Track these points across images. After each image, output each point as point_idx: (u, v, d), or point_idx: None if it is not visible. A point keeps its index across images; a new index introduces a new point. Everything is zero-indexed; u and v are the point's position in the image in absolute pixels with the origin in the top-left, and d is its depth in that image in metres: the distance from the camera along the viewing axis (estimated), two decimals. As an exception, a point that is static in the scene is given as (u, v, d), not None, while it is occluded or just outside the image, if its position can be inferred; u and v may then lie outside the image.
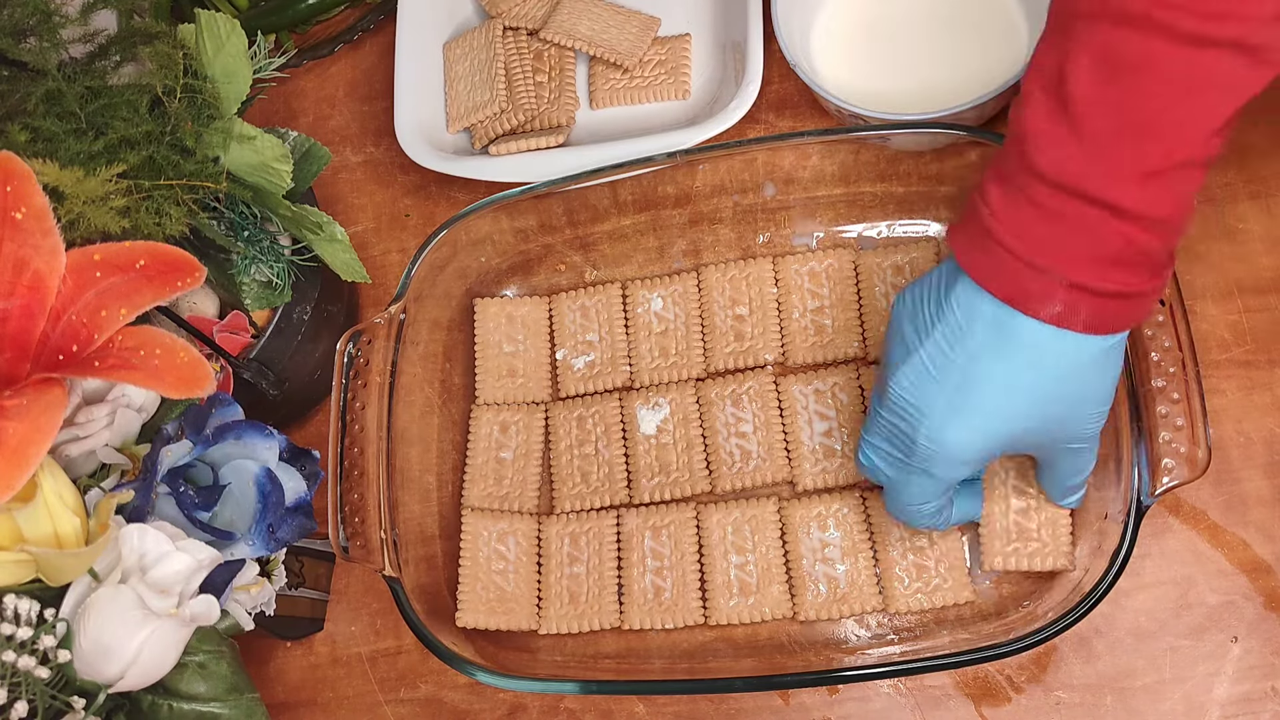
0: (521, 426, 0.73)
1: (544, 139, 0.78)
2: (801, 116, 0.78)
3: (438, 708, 0.70)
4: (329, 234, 0.68)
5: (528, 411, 0.73)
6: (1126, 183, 0.47)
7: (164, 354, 0.49)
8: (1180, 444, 0.57)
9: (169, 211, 0.61)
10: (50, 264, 0.50)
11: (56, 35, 0.61)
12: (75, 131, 0.60)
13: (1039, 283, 0.49)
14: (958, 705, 0.64)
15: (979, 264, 0.51)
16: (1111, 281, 0.49)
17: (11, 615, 0.45)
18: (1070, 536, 0.62)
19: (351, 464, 0.65)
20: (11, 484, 0.44)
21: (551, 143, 0.78)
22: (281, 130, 0.68)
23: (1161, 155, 0.47)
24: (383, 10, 0.87)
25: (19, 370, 0.49)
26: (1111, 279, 0.49)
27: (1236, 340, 0.67)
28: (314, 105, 0.89)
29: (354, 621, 0.73)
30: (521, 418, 0.73)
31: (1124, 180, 0.47)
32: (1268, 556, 0.63)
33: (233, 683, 0.51)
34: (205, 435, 0.54)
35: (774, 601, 0.66)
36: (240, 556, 0.53)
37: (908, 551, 0.65)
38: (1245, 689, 0.61)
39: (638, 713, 0.67)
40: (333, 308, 0.74)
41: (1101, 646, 0.63)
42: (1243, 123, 0.65)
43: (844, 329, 0.70)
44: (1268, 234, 0.68)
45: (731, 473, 0.69)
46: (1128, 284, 0.49)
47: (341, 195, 0.85)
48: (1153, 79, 0.46)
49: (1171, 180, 0.47)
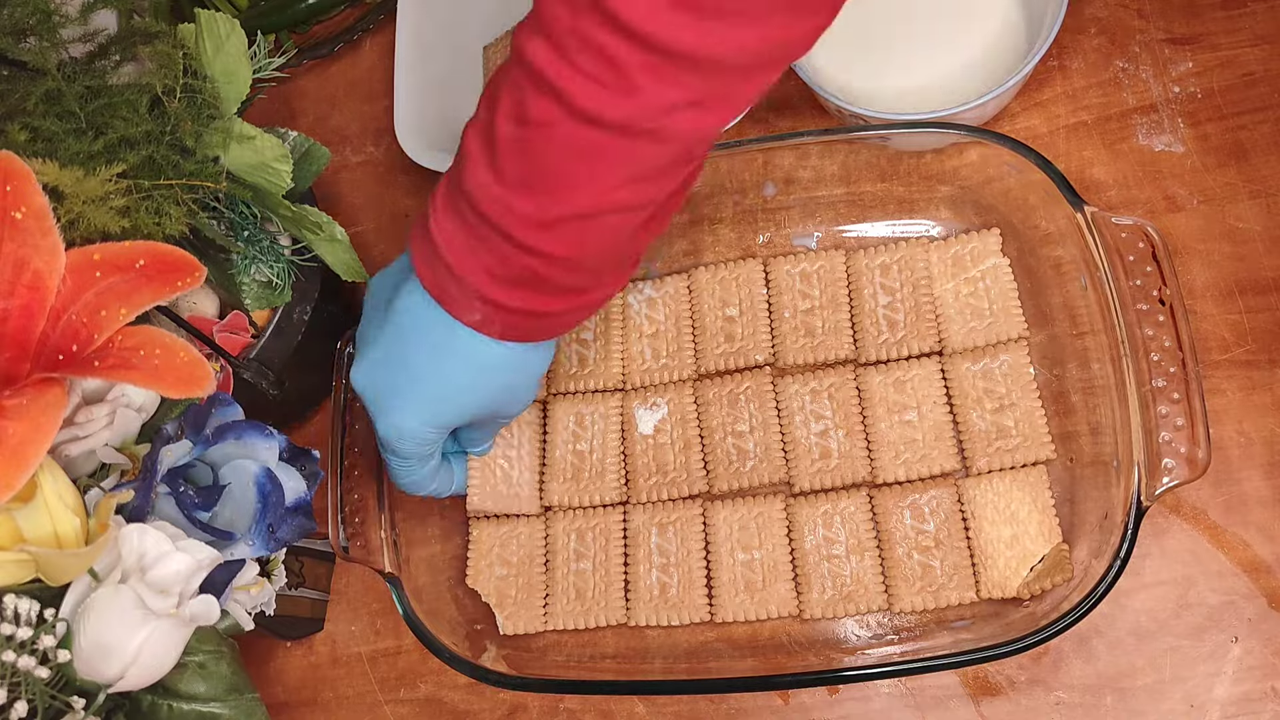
0: (522, 423, 0.73)
1: None
2: (801, 116, 0.78)
3: (438, 708, 0.70)
4: (329, 234, 0.68)
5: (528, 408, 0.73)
6: (525, 224, 0.49)
7: (164, 354, 0.49)
8: (1180, 444, 0.57)
9: (169, 211, 0.60)
10: (50, 264, 0.49)
11: (56, 35, 0.61)
12: (75, 131, 0.60)
13: (460, 290, 0.53)
14: (958, 705, 0.64)
15: (420, 255, 0.54)
16: (518, 300, 0.52)
17: (11, 615, 0.45)
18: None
19: (351, 464, 0.65)
20: (11, 484, 0.44)
21: None
22: (281, 130, 0.68)
23: (556, 208, 0.49)
24: (383, 10, 0.87)
25: (19, 370, 0.49)
26: (517, 299, 0.52)
27: (1237, 340, 0.67)
28: (314, 105, 0.89)
29: (354, 621, 0.73)
30: (522, 414, 0.73)
31: (523, 221, 0.49)
32: (1268, 556, 0.63)
33: (233, 683, 0.51)
34: (205, 435, 0.54)
35: (780, 599, 0.66)
36: (240, 556, 0.53)
37: (913, 550, 0.65)
38: (1245, 689, 0.61)
39: (638, 713, 0.67)
40: (333, 308, 0.74)
41: (1101, 646, 0.63)
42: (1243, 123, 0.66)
43: (835, 330, 0.70)
44: (1268, 234, 0.68)
45: (729, 473, 0.69)
46: (534, 304, 0.53)
47: (341, 195, 0.85)
48: (547, 140, 0.47)
49: (572, 228, 0.50)
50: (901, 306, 0.70)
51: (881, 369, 0.69)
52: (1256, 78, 0.72)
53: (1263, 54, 0.72)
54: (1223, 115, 0.71)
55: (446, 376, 0.56)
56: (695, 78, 0.44)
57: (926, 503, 0.66)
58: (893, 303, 0.70)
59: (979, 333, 0.68)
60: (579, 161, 0.47)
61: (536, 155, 0.48)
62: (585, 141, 0.46)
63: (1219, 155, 0.71)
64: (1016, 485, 0.65)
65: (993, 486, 0.65)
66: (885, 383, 0.69)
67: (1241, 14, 0.73)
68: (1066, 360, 0.66)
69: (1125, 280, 0.59)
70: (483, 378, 0.56)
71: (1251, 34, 0.73)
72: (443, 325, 0.54)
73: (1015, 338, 0.68)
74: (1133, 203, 0.71)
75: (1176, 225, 0.70)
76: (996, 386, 0.67)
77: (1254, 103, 0.71)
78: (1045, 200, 0.65)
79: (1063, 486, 0.65)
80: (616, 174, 0.48)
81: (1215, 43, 0.73)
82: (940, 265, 0.70)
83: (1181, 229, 0.70)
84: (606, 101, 0.45)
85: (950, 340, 0.69)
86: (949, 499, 0.66)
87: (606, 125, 0.46)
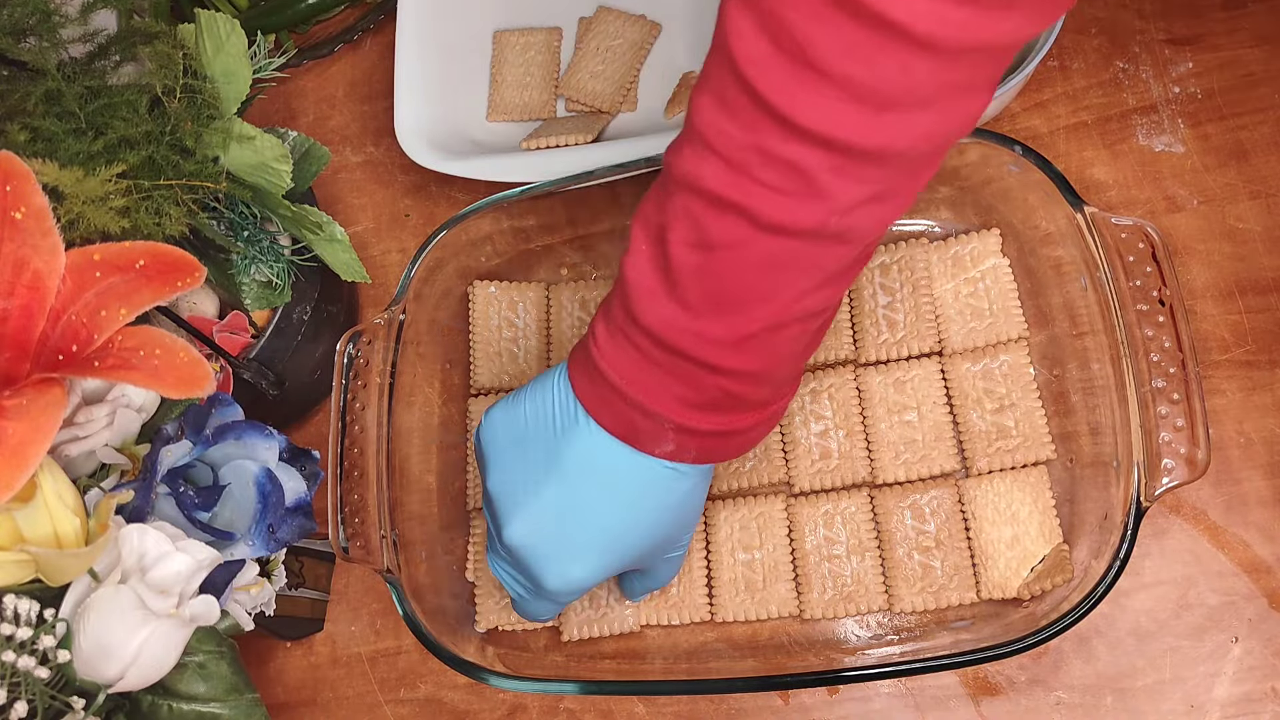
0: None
1: (573, 136, 0.78)
2: (801, 116, 0.78)
3: (438, 708, 0.70)
4: (329, 234, 0.68)
5: None
6: (719, 346, 0.49)
7: (164, 354, 0.49)
8: (1180, 444, 0.57)
9: (169, 211, 0.60)
10: (50, 264, 0.49)
11: (56, 35, 0.61)
12: (75, 131, 0.60)
13: (651, 424, 0.51)
14: (958, 705, 0.64)
15: (591, 397, 0.52)
16: (713, 424, 0.51)
17: (11, 615, 0.45)
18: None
19: (351, 464, 0.65)
20: (11, 484, 0.44)
21: (580, 139, 0.78)
22: (281, 130, 0.68)
23: (749, 325, 0.48)
24: (383, 10, 0.87)
25: (19, 370, 0.49)
26: (713, 422, 0.51)
27: (1237, 340, 0.67)
28: (314, 105, 0.89)
29: (354, 621, 0.73)
30: None
31: (716, 344, 0.49)
32: (1268, 557, 0.63)
33: (233, 683, 0.51)
34: (205, 435, 0.54)
35: (780, 600, 0.66)
36: (240, 557, 0.53)
37: (914, 551, 0.65)
38: (1245, 689, 0.61)
39: (638, 713, 0.67)
40: (333, 308, 0.74)
41: (1101, 646, 0.63)
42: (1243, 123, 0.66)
43: (834, 330, 0.70)
44: (1268, 234, 0.68)
45: (729, 473, 0.69)
46: (731, 424, 0.52)
47: (341, 195, 0.85)
48: (736, 259, 0.47)
49: (764, 342, 0.49)
50: (901, 306, 0.70)
51: (881, 369, 0.69)
52: (1257, 78, 0.72)
53: (1263, 54, 0.72)
54: (1223, 115, 0.71)
55: (633, 515, 0.54)
56: (878, 171, 0.44)
57: (927, 503, 0.66)
58: (892, 303, 0.70)
59: (979, 333, 0.68)
60: (770, 274, 0.47)
61: (724, 277, 0.47)
62: (776, 253, 0.46)
63: (1219, 155, 0.71)
64: (1017, 485, 0.65)
65: (993, 487, 0.65)
66: (885, 383, 0.69)
67: (1242, 14, 0.73)
68: (1066, 360, 0.66)
69: (1125, 280, 0.59)
70: (672, 507, 0.55)
71: (1252, 34, 0.73)
72: (629, 462, 0.52)
73: (1015, 338, 0.68)
74: (1133, 203, 0.71)
75: (1176, 225, 0.70)
76: (996, 387, 0.67)
77: (1254, 103, 0.71)
78: (1045, 200, 0.65)
79: (1063, 487, 0.65)
80: (806, 280, 0.47)
81: (1216, 43, 0.73)
82: (940, 265, 0.70)
83: (1181, 229, 0.70)
84: (795, 209, 0.45)
85: (950, 340, 0.69)
86: (949, 499, 0.66)
87: (796, 233, 0.45)
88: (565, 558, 0.55)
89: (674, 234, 0.48)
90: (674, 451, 0.52)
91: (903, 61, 0.40)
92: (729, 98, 0.44)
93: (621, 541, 0.55)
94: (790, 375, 0.53)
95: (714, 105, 0.45)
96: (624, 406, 0.51)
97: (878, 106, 0.42)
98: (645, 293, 0.49)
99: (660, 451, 0.52)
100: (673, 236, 0.48)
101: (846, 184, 0.44)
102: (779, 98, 0.42)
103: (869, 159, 0.43)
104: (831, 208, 0.44)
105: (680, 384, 0.50)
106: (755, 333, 0.48)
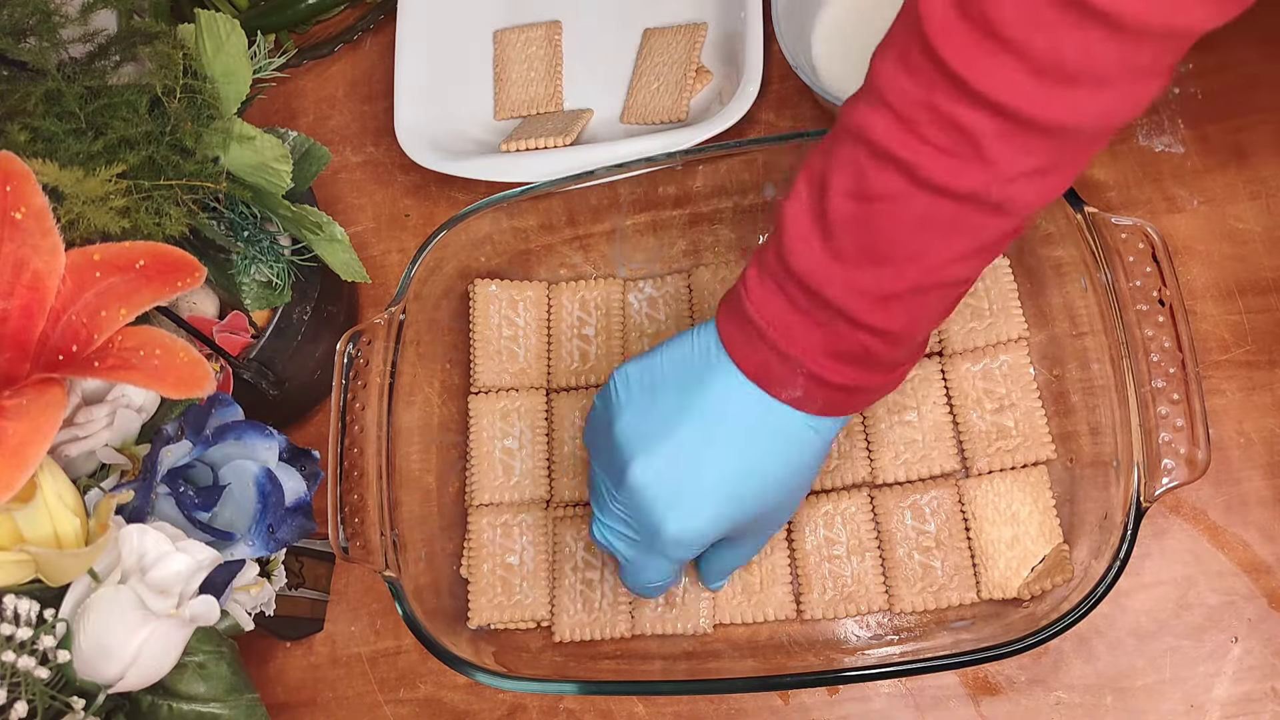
0: (524, 411, 0.72)
1: (551, 138, 0.78)
2: (801, 117, 0.78)
3: (438, 708, 0.70)
4: (329, 234, 0.68)
5: (529, 396, 0.73)
6: (864, 299, 0.49)
7: (164, 354, 0.49)
8: (1180, 444, 0.57)
9: (169, 211, 0.60)
10: (50, 264, 0.49)
11: (56, 35, 0.61)
12: (75, 131, 0.60)
13: (785, 367, 0.51)
14: (958, 705, 0.64)
15: (735, 339, 0.53)
16: (845, 377, 0.51)
17: (11, 615, 0.45)
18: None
19: (351, 464, 0.65)
20: (11, 484, 0.44)
21: (558, 142, 0.78)
22: (281, 130, 0.68)
23: (897, 282, 0.49)
24: (382, 10, 0.87)
25: (19, 370, 0.49)
26: (845, 375, 0.51)
27: (1237, 340, 0.67)
28: (314, 105, 0.89)
29: (354, 621, 0.73)
30: (522, 403, 0.73)
31: (862, 297, 0.49)
32: (1268, 557, 0.63)
33: (232, 683, 0.51)
34: (205, 435, 0.54)
35: (777, 603, 0.66)
36: (240, 557, 0.53)
37: (914, 551, 0.65)
38: (1245, 689, 0.61)
39: (638, 713, 0.67)
40: (333, 308, 0.74)
41: (1101, 646, 0.63)
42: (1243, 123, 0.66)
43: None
44: (1268, 234, 0.68)
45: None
46: (860, 380, 0.52)
47: (341, 195, 0.85)
48: (892, 213, 0.47)
49: (907, 303, 0.49)
50: (901, 307, 0.70)
51: (881, 369, 0.69)
52: (1257, 79, 0.72)
53: (1263, 55, 0.72)
54: (1223, 116, 0.71)
55: (760, 464, 0.54)
56: (1047, 143, 0.44)
57: (927, 503, 0.66)
58: (893, 303, 0.70)
59: (979, 333, 0.68)
60: (923, 233, 0.47)
61: (880, 229, 0.48)
62: (932, 212, 0.46)
63: (1219, 156, 0.71)
64: (1017, 486, 0.65)
65: (993, 487, 0.65)
66: (885, 383, 0.69)
67: (1242, 15, 0.73)
68: (1066, 360, 0.66)
69: (1125, 280, 0.60)
70: (792, 464, 0.54)
71: (1252, 35, 0.73)
72: (763, 408, 0.53)
73: (1015, 338, 0.68)
74: (1133, 203, 0.71)
75: (1176, 226, 0.70)
76: (996, 387, 0.67)
77: (1254, 103, 0.71)
78: (1045, 200, 0.65)
79: (1063, 487, 0.65)
80: (957, 245, 0.48)
81: (1215, 44, 0.73)
82: (940, 265, 0.70)
83: (1181, 229, 0.70)
84: (958, 171, 0.45)
85: (950, 340, 0.69)
86: (950, 499, 0.66)
87: (955, 195, 0.45)
88: (688, 502, 0.54)
89: (835, 182, 0.48)
90: (801, 399, 0.52)
91: (1087, 39, 0.41)
92: (910, 58, 0.45)
93: (744, 488, 0.54)
94: (922, 342, 0.54)
95: (894, 63, 0.46)
96: (762, 346, 0.52)
97: (1056, 80, 0.42)
98: (800, 238, 0.50)
99: (787, 396, 0.52)
100: (834, 185, 0.48)
101: (1012, 153, 0.44)
102: (959, 61, 0.43)
103: (1038, 131, 0.44)
104: (994, 175, 0.45)
105: (821, 332, 0.50)
106: (900, 292, 0.49)
